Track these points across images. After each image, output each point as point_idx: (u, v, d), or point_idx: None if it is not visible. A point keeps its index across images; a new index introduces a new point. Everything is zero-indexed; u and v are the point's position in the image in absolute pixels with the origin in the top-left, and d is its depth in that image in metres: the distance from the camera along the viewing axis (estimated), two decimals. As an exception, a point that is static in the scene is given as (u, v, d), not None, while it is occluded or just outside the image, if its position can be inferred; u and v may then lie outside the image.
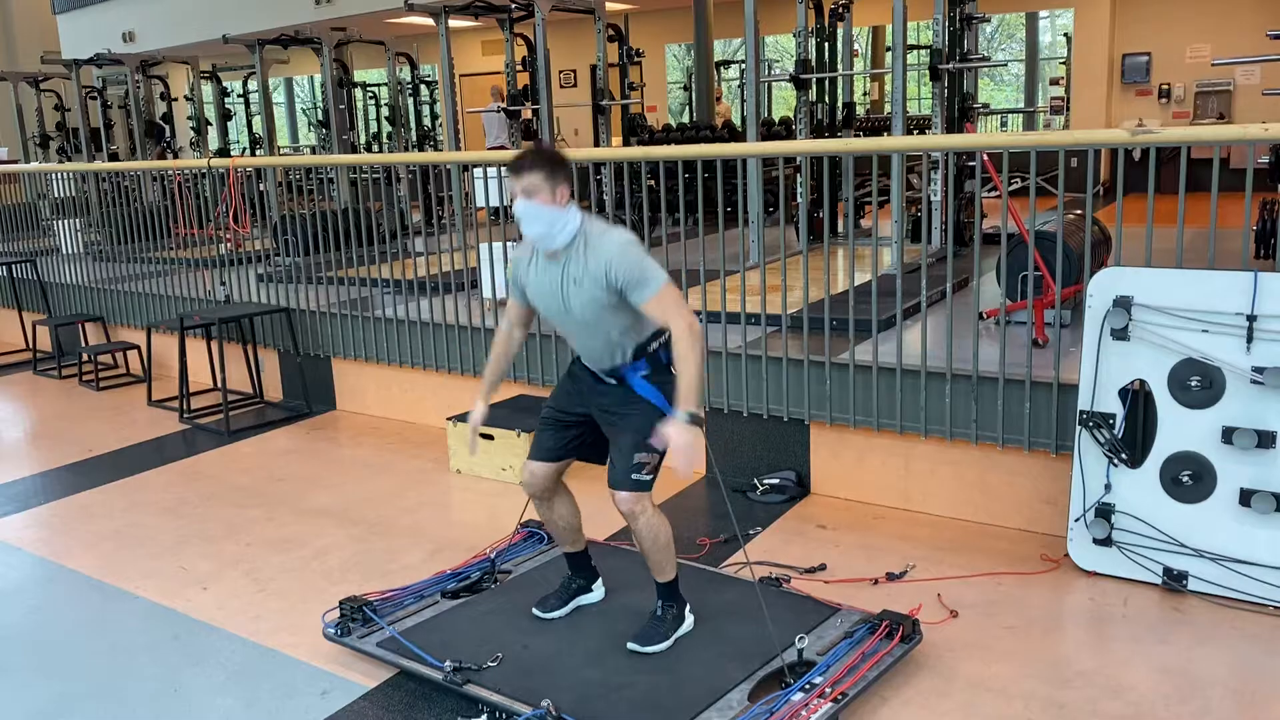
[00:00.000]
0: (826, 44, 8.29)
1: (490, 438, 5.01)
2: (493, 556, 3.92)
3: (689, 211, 4.99)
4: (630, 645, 3.19)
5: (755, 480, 4.72)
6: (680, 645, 3.24)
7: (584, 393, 3.23)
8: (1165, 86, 12.55)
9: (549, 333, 5.30)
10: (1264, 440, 3.42)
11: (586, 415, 3.24)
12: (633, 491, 3.07)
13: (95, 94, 12.83)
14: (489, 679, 3.09)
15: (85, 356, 7.85)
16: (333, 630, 3.44)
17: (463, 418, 5.22)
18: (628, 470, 3.07)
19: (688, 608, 3.32)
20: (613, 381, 3.15)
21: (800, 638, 3.07)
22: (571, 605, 3.47)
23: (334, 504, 4.90)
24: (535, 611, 3.44)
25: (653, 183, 6.49)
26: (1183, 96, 12.48)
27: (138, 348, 7.52)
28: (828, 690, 2.91)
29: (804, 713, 2.82)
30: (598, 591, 3.55)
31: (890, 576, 3.82)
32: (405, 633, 3.37)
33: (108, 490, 5.26)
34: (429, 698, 3.15)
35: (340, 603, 3.51)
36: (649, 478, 3.10)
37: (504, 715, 2.95)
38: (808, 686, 2.94)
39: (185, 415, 6.49)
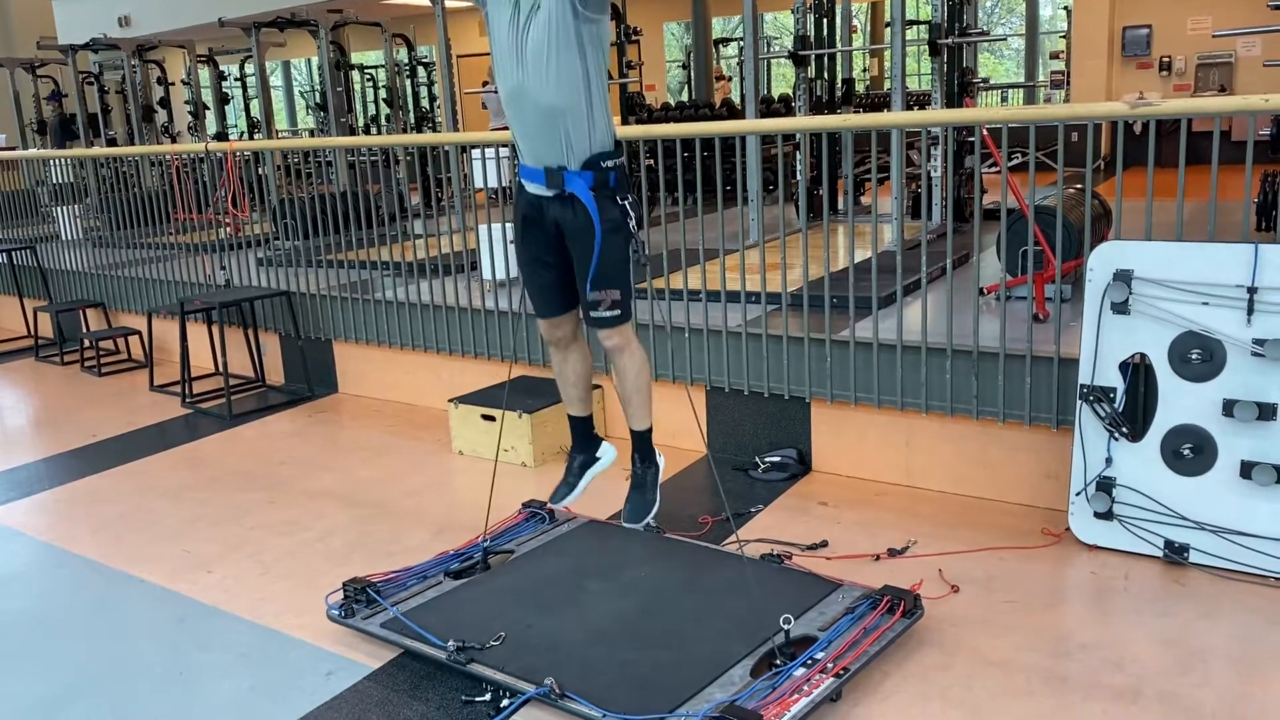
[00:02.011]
0: (825, 20, 8.24)
1: (492, 419, 5.02)
2: (495, 536, 3.93)
3: (688, 190, 4.98)
4: (625, 524, 3.25)
5: (756, 458, 4.72)
6: (683, 622, 3.26)
7: (537, 227, 3.14)
8: (1166, 59, 12.48)
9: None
10: (1265, 412, 3.42)
11: (552, 249, 3.16)
12: (603, 329, 3.08)
13: (92, 79, 12.78)
14: (492, 658, 3.11)
15: (87, 342, 7.86)
16: (336, 612, 3.45)
17: (464, 400, 5.23)
18: (588, 308, 3.08)
19: (658, 455, 3.34)
20: (551, 193, 3.04)
21: (786, 618, 3.05)
22: (585, 482, 3.45)
23: (337, 486, 4.91)
24: (551, 504, 3.47)
25: (651, 162, 6.47)
26: (1184, 69, 12.41)
27: (139, 333, 7.53)
28: (830, 665, 2.93)
29: (806, 687, 2.84)
30: (607, 455, 3.52)
31: (892, 552, 3.83)
32: (409, 613, 3.39)
33: (111, 475, 5.27)
34: (433, 677, 3.16)
35: (344, 584, 3.53)
36: (612, 314, 3.07)
37: (508, 694, 2.97)
38: (809, 662, 2.96)
39: (187, 400, 6.50)
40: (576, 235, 3.09)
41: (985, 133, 4.40)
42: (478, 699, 3.00)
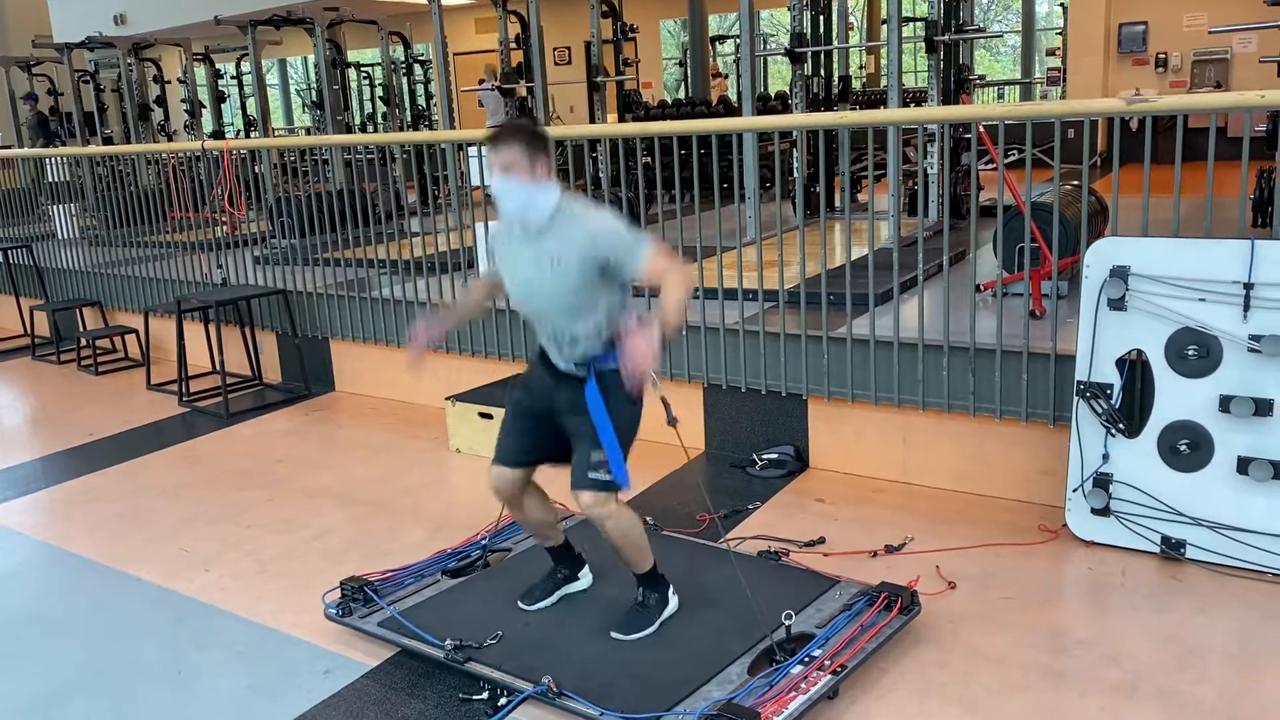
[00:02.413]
0: (822, 17, 8.23)
1: (489, 416, 5.01)
2: (492, 535, 3.93)
3: (685, 188, 4.98)
4: (614, 635, 3.15)
5: (754, 455, 4.72)
6: (680, 620, 3.26)
7: (547, 389, 3.14)
8: (1162, 55, 12.49)
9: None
10: (1261, 408, 3.43)
11: (549, 413, 3.15)
12: (593, 492, 2.99)
13: (88, 78, 12.77)
14: (490, 656, 3.11)
15: (83, 341, 7.85)
16: (334, 610, 3.45)
17: (461, 397, 5.23)
18: (585, 470, 2.99)
19: (671, 590, 3.28)
20: (574, 371, 3.06)
21: (788, 614, 3.05)
22: (557, 595, 3.42)
23: (334, 485, 4.91)
24: (520, 604, 3.36)
25: (649, 159, 6.48)
26: (1179, 65, 12.43)
27: (136, 332, 7.52)
28: (827, 662, 2.93)
29: (803, 685, 2.84)
30: (584, 579, 3.49)
31: (889, 549, 3.83)
32: (406, 612, 3.39)
33: (108, 474, 5.27)
34: (431, 676, 3.16)
35: (341, 583, 3.53)
36: (608, 478, 3.00)
37: (505, 692, 2.97)
38: (807, 659, 2.96)
39: (184, 398, 6.50)
40: (594, 403, 3.06)
41: (982, 129, 4.40)
42: (475, 697, 3.00)
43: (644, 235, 2.93)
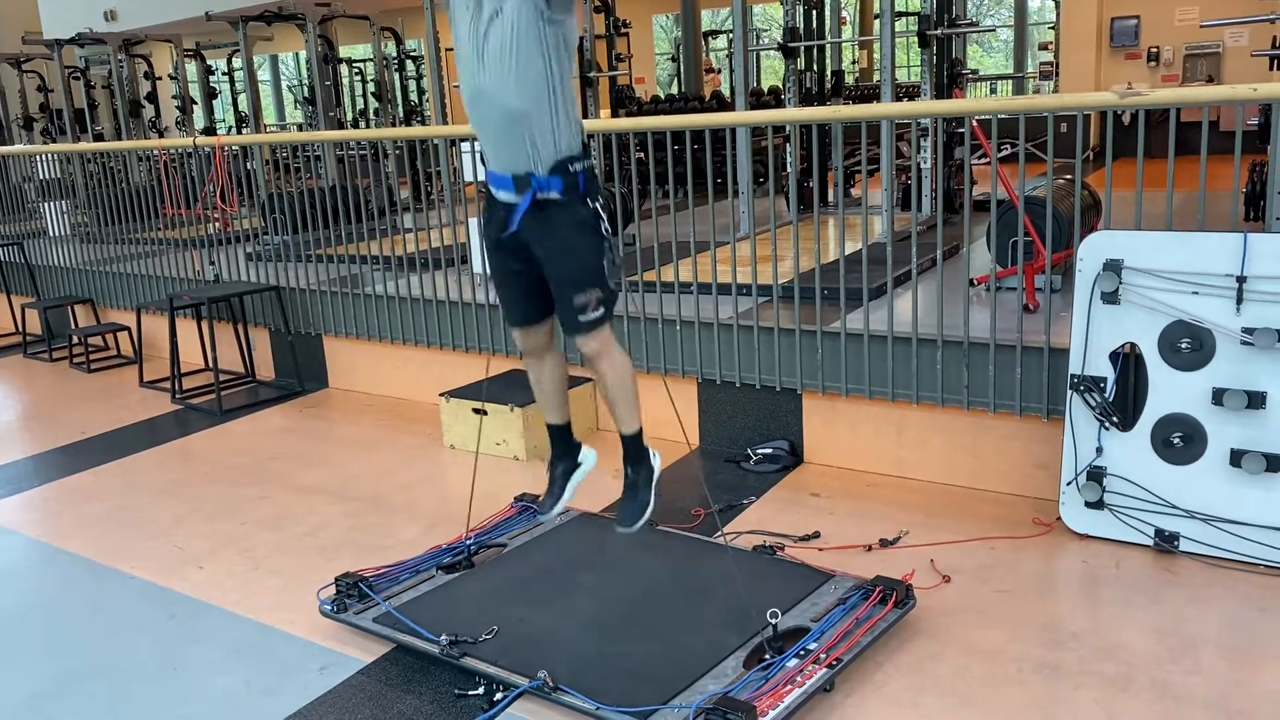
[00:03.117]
0: (814, 12, 8.23)
1: (484, 413, 5.01)
2: (487, 530, 3.93)
3: (679, 183, 4.97)
4: (619, 529, 3.12)
5: (748, 450, 4.73)
6: (676, 614, 3.26)
7: (509, 241, 3.00)
8: (1154, 50, 12.50)
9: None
10: (1254, 401, 3.44)
11: (524, 257, 3.01)
12: (585, 334, 2.94)
13: (78, 74, 12.71)
14: (485, 651, 3.11)
15: (75, 339, 7.82)
16: (329, 607, 3.45)
17: (455, 394, 5.23)
18: (572, 315, 2.93)
19: (651, 454, 3.21)
20: (515, 198, 2.92)
21: (773, 613, 3.04)
22: (569, 490, 3.32)
23: (328, 481, 4.90)
24: (539, 516, 3.39)
25: (642, 155, 6.47)
26: (1171, 59, 12.43)
27: (128, 329, 7.50)
28: (822, 656, 2.93)
29: (799, 679, 2.84)
30: (588, 460, 3.38)
31: (884, 543, 3.84)
32: (401, 608, 3.38)
33: (101, 472, 5.25)
34: (426, 671, 3.16)
35: (336, 579, 3.52)
36: (596, 314, 2.93)
37: (501, 687, 2.97)
38: (802, 653, 2.96)
39: (177, 396, 6.48)
40: (547, 234, 2.94)
41: (975, 124, 4.40)
42: (471, 693, 3.00)
43: None
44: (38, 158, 9.78)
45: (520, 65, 2.80)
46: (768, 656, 2.96)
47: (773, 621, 3.02)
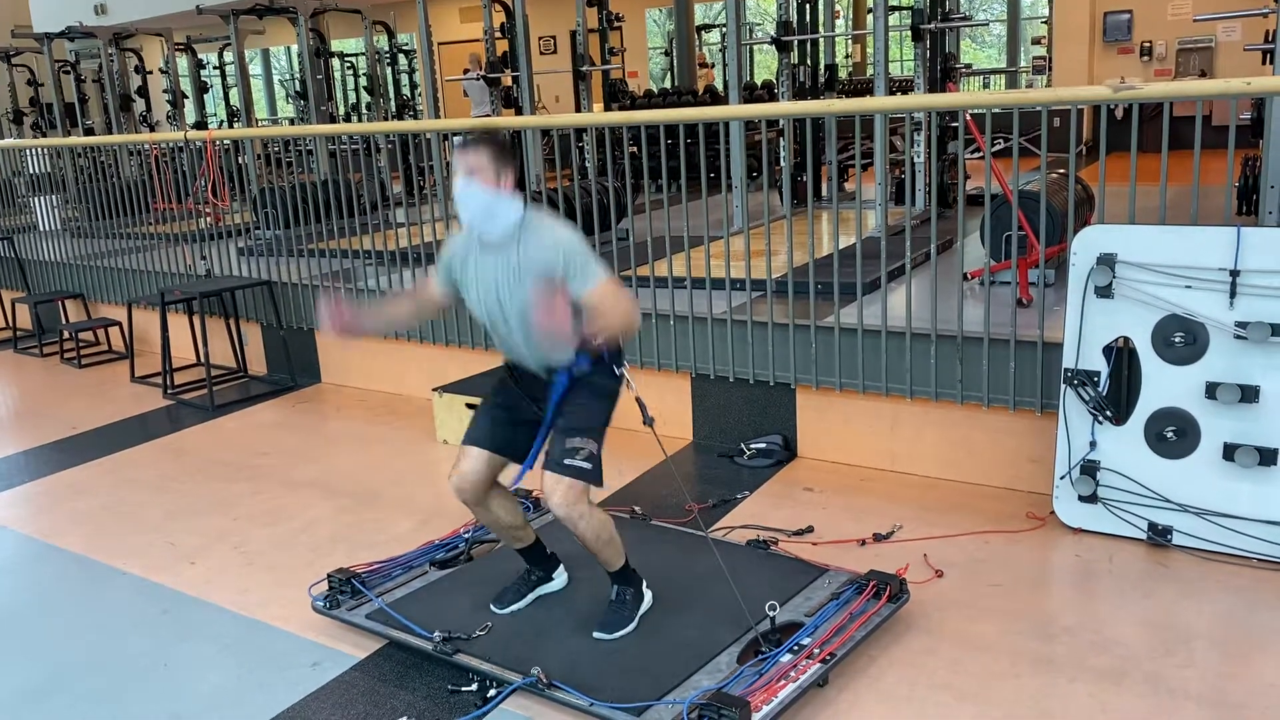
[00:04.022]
0: (808, 5, 8.22)
1: (475, 407, 4.99)
2: (481, 526, 3.92)
3: (672, 177, 4.97)
4: (596, 635, 3.13)
5: (742, 444, 4.72)
6: (669, 610, 3.26)
7: (520, 395, 3.14)
8: (1147, 44, 12.50)
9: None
10: (1247, 394, 3.44)
11: (525, 414, 3.12)
12: (568, 478, 2.93)
13: (69, 68, 12.65)
14: (479, 648, 3.10)
15: (66, 334, 7.79)
16: (321, 603, 3.44)
17: (448, 388, 5.21)
18: (563, 454, 2.95)
19: (644, 584, 3.26)
20: (545, 376, 3.07)
21: (771, 605, 3.04)
22: (532, 597, 3.38)
23: (321, 476, 4.89)
24: (493, 608, 3.30)
25: (635, 149, 6.45)
26: (1164, 54, 12.44)
27: (119, 324, 7.47)
28: (816, 651, 2.93)
29: (793, 673, 2.84)
30: (559, 579, 3.44)
31: (877, 537, 3.84)
32: (394, 604, 3.37)
33: (93, 467, 5.23)
34: (419, 668, 3.15)
35: (328, 575, 3.51)
36: (586, 465, 2.95)
37: (494, 683, 2.97)
38: (796, 647, 2.96)
39: (169, 391, 6.46)
40: (565, 397, 3.05)
41: (969, 118, 4.40)
42: (464, 689, 2.99)
43: (602, 266, 2.94)
44: (28, 152, 9.73)
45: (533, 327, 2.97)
46: (764, 649, 2.96)
47: (771, 614, 3.02)
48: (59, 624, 3.63)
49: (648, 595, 3.28)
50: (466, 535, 3.84)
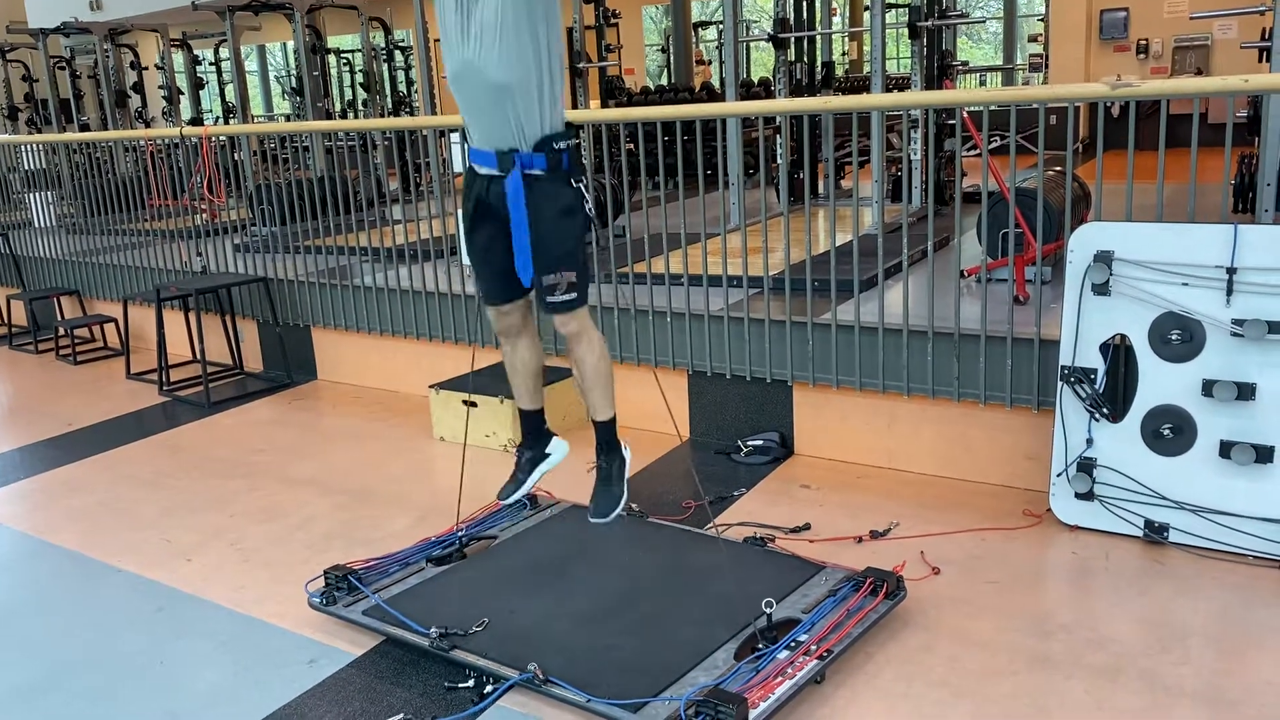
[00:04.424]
0: (805, 3, 8.22)
1: (474, 404, 4.99)
2: (477, 523, 3.92)
3: (669, 174, 4.96)
4: (592, 519, 3.12)
5: (739, 442, 4.72)
6: (666, 606, 3.26)
7: (488, 210, 3.01)
8: (1143, 42, 12.52)
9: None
10: (1244, 392, 3.44)
11: (504, 233, 2.99)
12: (558, 315, 2.96)
13: (64, 64, 12.61)
14: (475, 644, 3.10)
15: (61, 330, 7.77)
16: (318, 599, 3.43)
17: (445, 385, 5.21)
18: (542, 294, 2.95)
19: (624, 446, 3.21)
20: (496, 170, 2.92)
21: (769, 602, 3.04)
22: (534, 478, 3.31)
23: (317, 473, 4.88)
24: (498, 498, 3.31)
25: (632, 146, 6.45)
26: (1160, 52, 12.46)
27: (114, 321, 7.45)
28: (813, 648, 2.93)
29: (790, 670, 2.84)
30: (558, 452, 3.36)
31: (874, 534, 3.84)
32: (390, 600, 3.37)
33: (88, 464, 5.22)
34: (416, 664, 3.15)
35: (325, 572, 3.51)
36: (568, 297, 2.93)
37: (491, 679, 2.96)
38: (793, 644, 2.96)
39: (165, 388, 6.44)
40: (515, 205, 2.93)
41: (966, 115, 4.40)
42: (461, 685, 2.99)
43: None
44: (23, 148, 9.71)
45: (506, 36, 2.77)
46: (761, 646, 2.96)
47: (767, 610, 3.02)
48: (54, 621, 3.63)
49: (627, 455, 3.22)
50: (460, 534, 3.83)
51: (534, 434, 3.36)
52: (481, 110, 2.90)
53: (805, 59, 8.24)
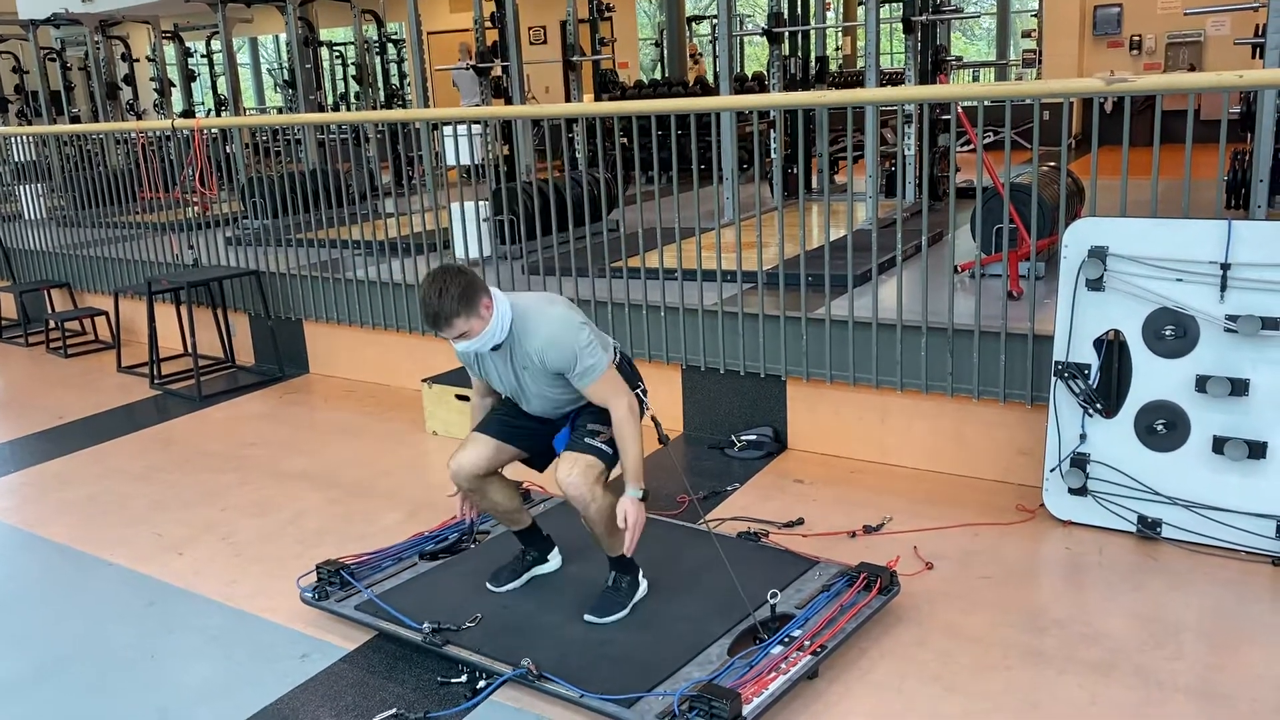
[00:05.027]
0: (799, -3, 8.20)
1: (467, 399, 4.97)
2: (471, 517, 3.90)
3: (663, 168, 4.95)
4: (587, 617, 3.15)
5: (733, 436, 4.72)
6: (660, 601, 3.25)
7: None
8: (1136, 38, 12.53)
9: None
10: (1237, 388, 3.44)
11: (530, 421, 3.23)
12: (588, 456, 3.02)
13: (54, 55, 12.54)
14: (469, 639, 3.09)
15: (52, 323, 7.74)
16: (310, 594, 3.42)
17: (438, 379, 5.19)
18: (583, 436, 3.06)
19: (640, 573, 3.28)
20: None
21: (773, 593, 3.06)
22: (526, 577, 3.42)
23: (309, 468, 4.86)
24: (488, 585, 3.36)
25: (626, 140, 6.44)
26: (1154, 48, 12.47)
27: (105, 313, 7.42)
28: (807, 643, 2.93)
29: (784, 665, 2.84)
30: (553, 561, 3.49)
31: (867, 529, 3.84)
32: (383, 595, 3.36)
33: (79, 457, 5.19)
34: (409, 659, 3.14)
35: (317, 566, 3.49)
36: (605, 448, 3.05)
37: (485, 675, 2.95)
38: (787, 639, 2.96)
39: (156, 381, 6.42)
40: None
41: (961, 110, 4.39)
42: (454, 680, 2.98)
43: (597, 360, 2.98)
44: (13, 140, 9.65)
45: (561, 396, 3.11)
46: (762, 636, 2.97)
47: (772, 601, 3.03)
48: (44, 615, 3.61)
49: (643, 585, 3.28)
50: (453, 529, 3.82)
51: (534, 542, 3.49)
52: (540, 409, 3.20)
53: (799, 54, 8.22)
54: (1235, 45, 7.75)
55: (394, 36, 13.13)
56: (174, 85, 13.04)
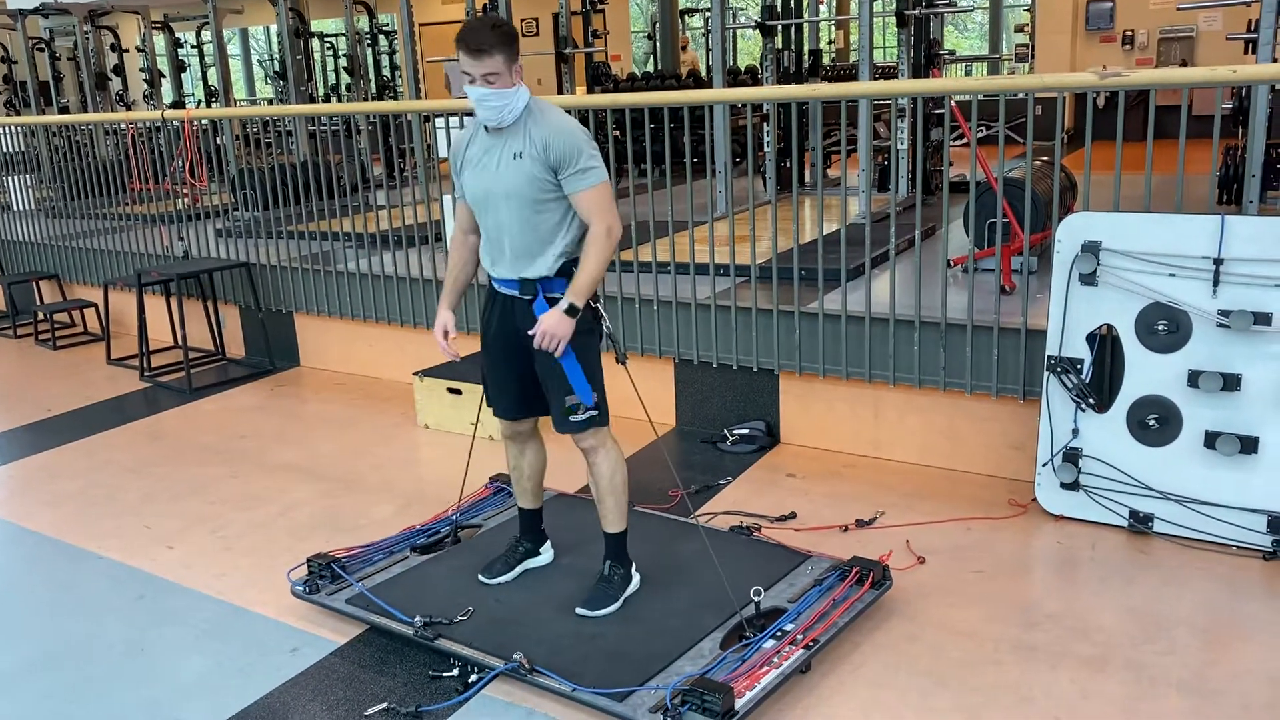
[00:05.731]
0: (792, -10, 8.19)
1: (458, 392, 4.96)
2: (462, 511, 3.90)
3: (655, 162, 4.93)
4: (579, 610, 3.15)
5: (725, 430, 4.71)
6: (652, 595, 3.24)
7: (505, 336, 3.13)
8: (1129, 33, 12.54)
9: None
10: (1229, 383, 3.45)
11: (520, 354, 3.11)
12: (575, 433, 3.08)
13: (43, 46, 12.46)
14: (460, 633, 3.08)
15: (41, 315, 7.69)
16: (301, 588, 3.41)
17: (429, 373, 5.18)
18: (562, 416, 3.07)
19: (634, 567, 3.28)
20: (526, 298, 3.03)
21: (756, 590, 3.05)
22: (518, 570, 3.42)
23: (300, 460, 4.84)
24: (480, 577, 3.38)
25: (618, 133, 6.42)
26: (1146, 43, 12.49)
27: (95, 305, 7.38)
28: (799, 637, 2.93)
29: (776, 659, 2.84)
30: (545, 555, 3.49)
31: (860, 524, 3.83)
32: (374, 589, 3.35)
33: (68, 450, 5.17)
34: (400, 653, 3.13)
35: (308, 560, 3.48)
36: (585, 416, 3.05)
37: (476, 669, 2.95)
38: (779, 634, 2.95)
39: (146, 373, 6.39)
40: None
41: (954, 104, 4.38)
42: (445, 674, 2.97)
43: (599, 168, 2.94)
44: (1, 130, 9.59)
45: (532, 216, 2.96)
46: (748, 635, 2.96)
47: (756, 599, 3.02)
48: (34, 609, 3.59)
49: (635, 578, 3.28)
50: (445, 522, 3.81)
51: (532, 531, 3.48)
52: (506, 233, 3.01)
53: (793, 47, 8.21)
54: (1228, 40, 7.76)
55: (386, 28, 13.07)
56: (164, 76, 12.96)
